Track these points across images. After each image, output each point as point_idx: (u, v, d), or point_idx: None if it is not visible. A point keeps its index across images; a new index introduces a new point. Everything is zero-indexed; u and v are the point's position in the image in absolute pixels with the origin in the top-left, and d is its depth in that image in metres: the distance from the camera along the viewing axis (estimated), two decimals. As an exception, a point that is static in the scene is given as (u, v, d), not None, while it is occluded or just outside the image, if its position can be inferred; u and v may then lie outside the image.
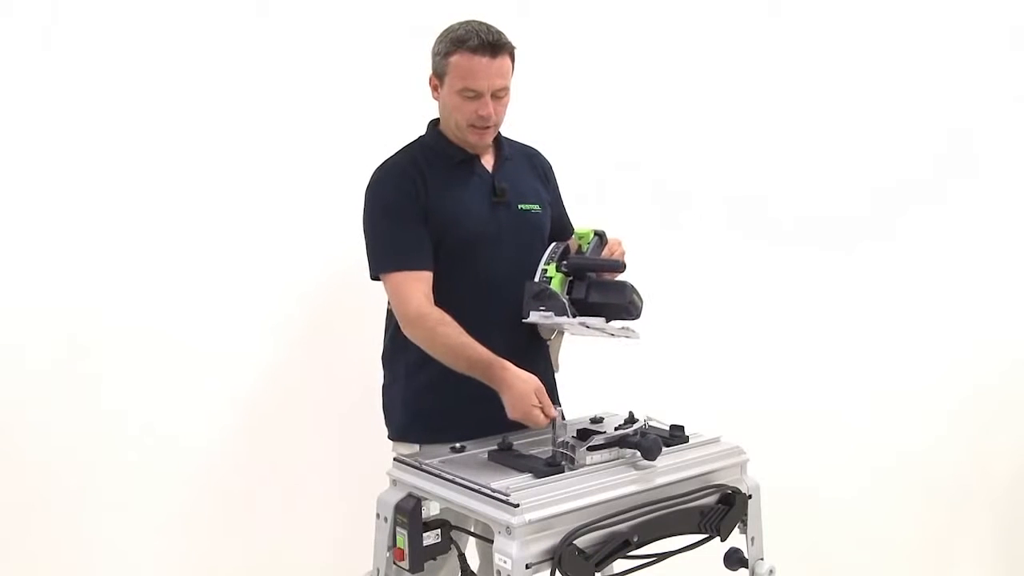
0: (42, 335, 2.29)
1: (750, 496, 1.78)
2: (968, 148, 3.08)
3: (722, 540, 1.74)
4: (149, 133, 2.36)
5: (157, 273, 2.39)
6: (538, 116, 2.38)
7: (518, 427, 1.80)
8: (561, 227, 2.17)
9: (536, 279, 1.92)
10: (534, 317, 1.89)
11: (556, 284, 1.90)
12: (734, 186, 2.92)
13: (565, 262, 1.93)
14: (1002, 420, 3.11)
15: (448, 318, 1.86)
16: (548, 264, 1.93)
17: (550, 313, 1.86)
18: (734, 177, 2.92)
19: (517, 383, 1.77)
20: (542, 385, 1.79)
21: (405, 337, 1.94)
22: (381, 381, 2.10)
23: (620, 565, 1.63)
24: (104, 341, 2.34)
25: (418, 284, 1.90)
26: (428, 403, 1.98)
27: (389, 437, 2.06)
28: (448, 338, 1.84)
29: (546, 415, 1.75)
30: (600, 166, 2.78)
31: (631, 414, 1.87)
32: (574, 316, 1.87)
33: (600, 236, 2.02)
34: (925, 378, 3.04)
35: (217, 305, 2.45)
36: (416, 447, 1.97)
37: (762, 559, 1.80)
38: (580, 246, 2.03)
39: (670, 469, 1.71)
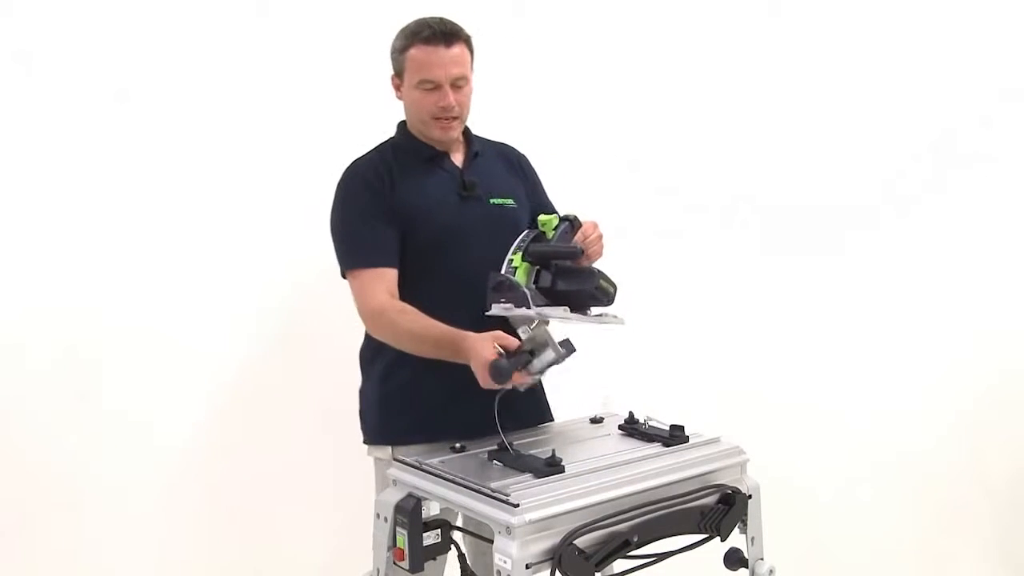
0: (42, 335, 2.29)
1: (750, 496, 1.77)
2: (966, 148, 3.07)
3: (722, 540, 1.73)
4: (148, 135, 2.36)
5: (157, 274, 2.39)
6: (535, 115, 2.38)
7: (493, 428, 1.74)
8: None
9: (503, 269, 1.86)
10: (495, 310, 1.79)
11: (521, 273, 1.85)
12: (733, 184, 2.92)
13: (527, 250, 1.88)
14: (1002, 420, 3.11)
15: (409, 307, 1.84)
16: (515, 254, 1.88)
17: (510, 304, 1.78)
18: (732, 175, 2.92)
19: (476, 344, 1.72)
20: (500, 332, 1.75)
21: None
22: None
23: (620, 565, 1.63)
24: (104, 341, 2.35)
25: (381, 282, 1.88)
26: (401, 404, 1.95)
27: (364, 442, 2.02)
28: (411, 323, 1.82)
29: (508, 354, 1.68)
30: (599, 165, 2.78)
31: (631, 414, 1.86)
32: (534, 306, 1.77)
33: (571, 222, 1.95)
34: (925, 378, 3.04)
35: (218, 306, 2.45)
36: (389, 449, 1.93)
37: (762, 559, 1.79)
38: (545, 234, 1.95)
39: (670, 469, 1.70)
